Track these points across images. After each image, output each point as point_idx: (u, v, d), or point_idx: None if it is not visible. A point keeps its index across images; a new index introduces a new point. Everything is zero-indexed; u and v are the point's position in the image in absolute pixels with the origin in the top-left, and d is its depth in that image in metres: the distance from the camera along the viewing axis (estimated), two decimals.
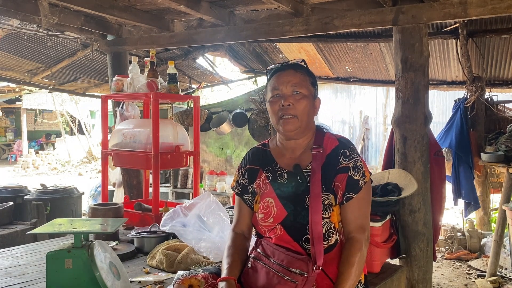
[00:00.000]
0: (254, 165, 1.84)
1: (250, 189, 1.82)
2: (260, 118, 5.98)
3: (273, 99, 1.74)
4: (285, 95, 1.71)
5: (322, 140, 1.76)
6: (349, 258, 1.64)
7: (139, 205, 3.47)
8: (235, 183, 1.89)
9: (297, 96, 1.71)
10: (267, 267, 1.66)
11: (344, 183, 1.68)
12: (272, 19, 3.71)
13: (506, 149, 4.54)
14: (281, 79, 1.74)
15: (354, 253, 1.64)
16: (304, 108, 1.71)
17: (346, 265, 1.63)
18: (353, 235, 1.68)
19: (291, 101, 1.70)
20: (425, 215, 3.13)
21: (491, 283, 4.25)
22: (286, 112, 1.70)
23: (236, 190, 1.88)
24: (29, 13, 3.56)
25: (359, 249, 1.65)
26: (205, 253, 2.44)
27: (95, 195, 6.54)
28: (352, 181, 1.68)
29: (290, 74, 1.74)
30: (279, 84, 1.73)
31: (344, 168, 1.69)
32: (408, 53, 3.09)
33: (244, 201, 1.84)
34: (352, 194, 1.68)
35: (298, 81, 1.73)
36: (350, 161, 1.70)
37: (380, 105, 11.46)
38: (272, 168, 1.79)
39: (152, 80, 3.33)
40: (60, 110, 16.69)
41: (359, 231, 1.68)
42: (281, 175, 1.76)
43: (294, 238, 1.69)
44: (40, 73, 6.14)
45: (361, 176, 1.70)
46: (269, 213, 1.73)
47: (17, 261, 2.61)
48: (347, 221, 1.70)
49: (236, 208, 1.88)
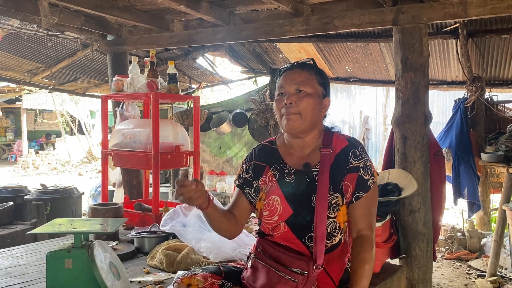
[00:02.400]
0: (260, 162, 1.84)
1: (255, 185, 1.82)
2: (260, 118, 5.98)
3: (278, 98, 1.77)
4: (289, 93, 1.73)
5: (331, 140, 1.77)
6: (361, 254, 1.65)
7: (139, 205, 3.47)
8: (237, 176, 1.89)
9: (300, 94, 1.72)
10: (268, 267, 1.67)
11: (354, 182, 1.70)
12: (272, 19, 3.71)
13: (506, 149, 4.54)
14: (286, 77, 1.77)
15: (367, 250, 1.66)
16: (307, 106, 1.71)
17: (360, 262, 1.64)
18: (364, 232, 1.69)
19: (293, 99, 1.71)
20: (425, 215, 3.13)
21: (491, 283, 4.25)
22: (288, 110, 1.71)
23: (237, 183, 1.88)
24: (29, 13, 3.56)
25: (371, 245, 1.67)
26: (205, 253, 2.44)
27: (95, 195, 6.53)
28: (362, 180, 1.70)
29: (295, 72, 1.76)
30: (284, 83, 1.76)
31: (354, 167, 1.71)
32: (408, 53, 3.09)
33: (244, 193, 1.84)
34: (362, 193, 1.70)
35: (303, 79, 1.73)
36: (360, 161, 1.71)
37: (380, 105, 11.47)
38: (279, 166, 1.79)
39: (152, 80, 3.33)
40: (60, 110, 16.69)
41: (369, 229, 1.70)
42: (288, 173, 1.76)
43: (297, 236, 1.70)
44: (40, 73, 6.14)
45: (371, 176, 1.72)
46: (274, 211, 1.74)
47: (17, 261, 2.61)
48: (357, 220, 1.71)
49: (233, 198, 1.89)
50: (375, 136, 11.68)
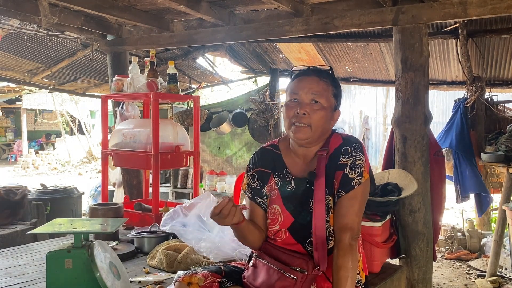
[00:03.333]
0: (265, 168, 1.79)
1: (264, 192, 1.79)
2: (260, 118, 5.98)
3: (290, 103, 1.68)
4: (303, 102, 1.64)
5: (329, 141, 1.71)
6: (335, 260, 1.58)
7: (139, 205, 3.47)
8: (246, 186, 1.83)
9: (315, 106, 1.64)
10: (268, 265, 1.68)
11: (338, 180, 1.64)
12: (272, 19, 3.71)
13: (506, 149, 4.54)
14: (302, 84, 1.67)
15: (340, 255, 1.57)
16: (320, 119, 1.64)
17: (334, 270, 1.57)
18: (336, 234, 1.62)
19: (307, 109, 1.63)
20: (425, 215, 3.13)
21: (491, 283, 4.25)
22: (300, 120, 1.63)
23: (249, 194, 1.82)
24: (29, 13, 3.56)
25: (343, 249, 1.57)
26: (205, 253, 2.44)
27: (95, 195, 6.53)
28: (346, 179, 1.63)
29: (313, 81, 1.66)
30: (299, 89, 1.66)
31: (341, 165, 1.64)
32: (408, 53, 3.09)
33: (258, 204, 1.79)
34: (342, 192, 1.63)
35: (320, 90, 1.65)
36: (349, 158, 1.64)
37: (380, 105, 11.47)
38: (282, 174, 1.76)
39: (152, 80, 3.33)
40: (60, 110, 16.68)
41: (341, 231, 1.60)
42: (289, 182, 1.74)
43: (298, 241, 1.70)
44: (40, 73, 6.14)
45: (358, 176, 1.63)
46: (276, 220, 1.74)
47: (17, 261, 2.61)
48: (334, 220, 1.65)
49: (248, 212, 1.82)
50: (375, 136, 11.67)
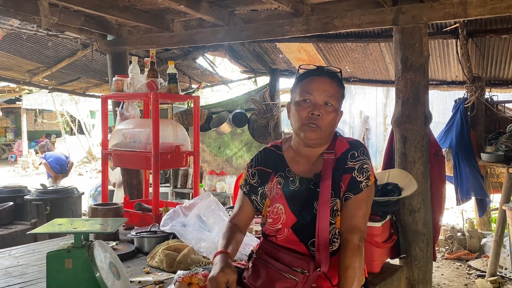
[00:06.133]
0: (266, 168, 1.80)
1: (260, 191, 1.80)
2: (260, 118, 5.99)
3: (303, 104, 1.67)
4: (317, 103, 1.65)
5: (334, 144, 1.73)
6: (344, 261, 1.59)
7: (139, 205, 3.47)
8: (244, 181, 1.85)
9: (328, 108, 1.66)
10: (268, 265, 1.68)
11: (346, 183, 1.67)
12: (272, 19, 3.71)
13: (506, 149, 4.54)
14: (316, 84, 1.67)
15: (348, 256, 1.59)
16: (331, 121, 1.67)
17: (341, 270, 1.58)
18: (344, 235, 1.64)
19: (322, 111, 1.64)
20: (425, 215, 3.13)
21: (491, 283, 4.25)
22: (313, 121, 1.64)
23: (244, 189, 1.84)
24: (29, 13, 3.56)
25: (351, 250, 1.59)
26: (205, 253, 2.44)
27: (95, 195, 6.54)
28: (355, 182, 1.66)
29: (326, 82, 1.68)
30: (313, 90, 1.66)
31: (349, 168, 1.67)
32: (408, 53, 3.09)
33: (251, 201, 1.82)
34: (351, 195, 1.66)
35: (334, 92, 1.67)
36: (356, 162, 1.67)
37: (380, 105, 11.46)
38: (284, 173, 1.76)
39: (152, 80, 3.33)
40: (60, 110, 16.68)
41: (350, 231, 1.63)
42: (293, 181, 1.74)
43: (301, 239, 1.70)
44: (40, 73, 6.14)
45: (365, 179, 1.66)
46: (278, 219, 1.73)
47: (17, 261, 2.61)
48: (341, 222, 1.67)
49: (238, 203, 1.86)
50: (375, 136, 11.67)
